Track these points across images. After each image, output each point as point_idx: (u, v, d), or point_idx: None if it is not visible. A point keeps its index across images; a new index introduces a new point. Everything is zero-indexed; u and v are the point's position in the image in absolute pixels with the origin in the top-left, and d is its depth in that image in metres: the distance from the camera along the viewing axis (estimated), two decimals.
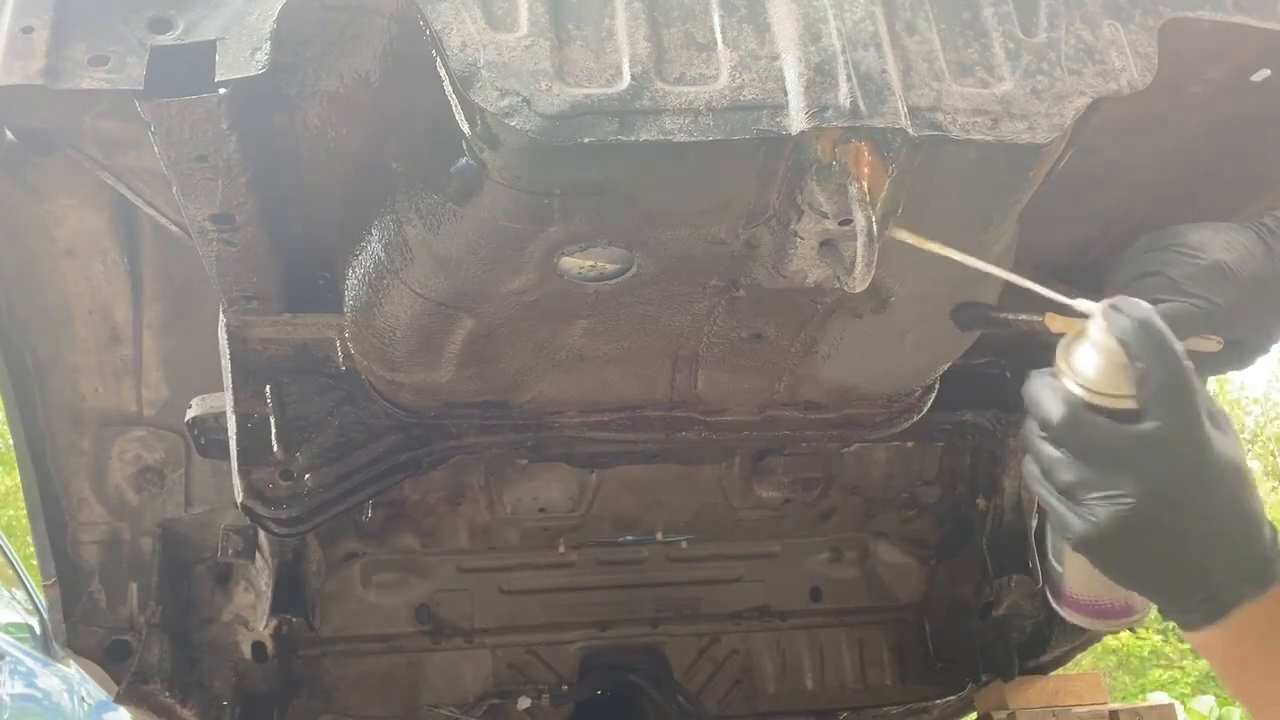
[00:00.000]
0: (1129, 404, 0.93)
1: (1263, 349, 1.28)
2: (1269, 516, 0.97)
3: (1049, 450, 0.97)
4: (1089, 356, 0.96)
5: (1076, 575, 1.17)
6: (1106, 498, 0.94)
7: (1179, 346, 0.94)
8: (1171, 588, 0.98)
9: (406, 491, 2.49)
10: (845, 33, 1.25)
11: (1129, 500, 0.93)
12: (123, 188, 1.65)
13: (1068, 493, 0.96)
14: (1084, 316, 0.97)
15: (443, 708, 2.92)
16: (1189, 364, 0.94)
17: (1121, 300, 0.96)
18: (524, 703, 2.93)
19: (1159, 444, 0.93)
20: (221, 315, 1.71)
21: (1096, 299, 0.98)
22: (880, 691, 3.10)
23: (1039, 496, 1.01)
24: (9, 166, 1.78)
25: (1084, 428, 0.94)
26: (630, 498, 2.63)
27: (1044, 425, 0.97)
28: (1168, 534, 0.94)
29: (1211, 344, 1.15)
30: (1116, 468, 0.93)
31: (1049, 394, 0.97)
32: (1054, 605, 1.21)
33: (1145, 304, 0.95)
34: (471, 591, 2.96)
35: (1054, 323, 1.10)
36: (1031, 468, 1.00)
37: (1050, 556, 1.19)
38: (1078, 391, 0.95)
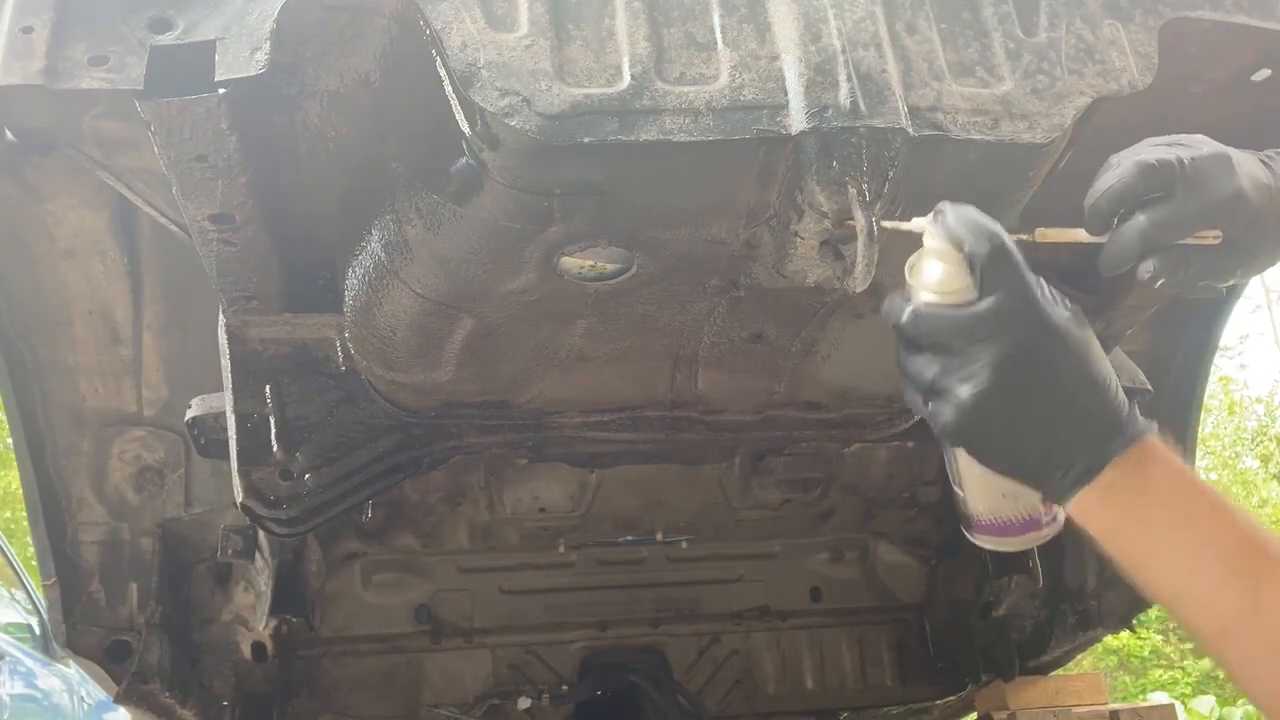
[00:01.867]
0: (972, 294, 1.01)
1: (1272, 259, 1.26)
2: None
3: (911, 356, 1.05)
4: (930, 265, 1.03)
5: (976, 496, 1.21)
6: (962, 379, 1.01)
7: (997, 227, 1.01)
8: (1038, 462, 1.03)
9: (406, 491, 2.48)
10: (845, 33, 1.25)
11: (984, 372, 1.00)
12: (123, 188, 1.65)
13: (933, 389, 1.03)
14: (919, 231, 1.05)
15: (443, 708, 2.92)
16: (1010, 242, 1.01)
17: (944, 204, 1.04)
18: (524, 703, 2.93)
19: (995, 313, 0.99)
20: (221, 315, 1.71)
21: (1096, 299, 1.00)
22: (880, 691, 3.10)
23: (917, 412, 1.07)
24: (9, 166, 1.78)
25: (930, 320, 1.02)
26: (630, 498, 2.63)
27: (900, 335, 1.05)
28: (1022, 403, 1.01)
29: (1209, 239, 1.17)
30: (966, 348, 1.00)
31: (898, 305, 1.04)
32: (968, 537, 1.23)
33: (966, 206, 1.03)
34: (471, 591, 2.96)
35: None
36: (906, 388, 1.07)
37: (954, 485, 1.22)
38: (926, 298, 1.03)
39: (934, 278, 1.03)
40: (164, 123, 1.24)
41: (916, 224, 1.06)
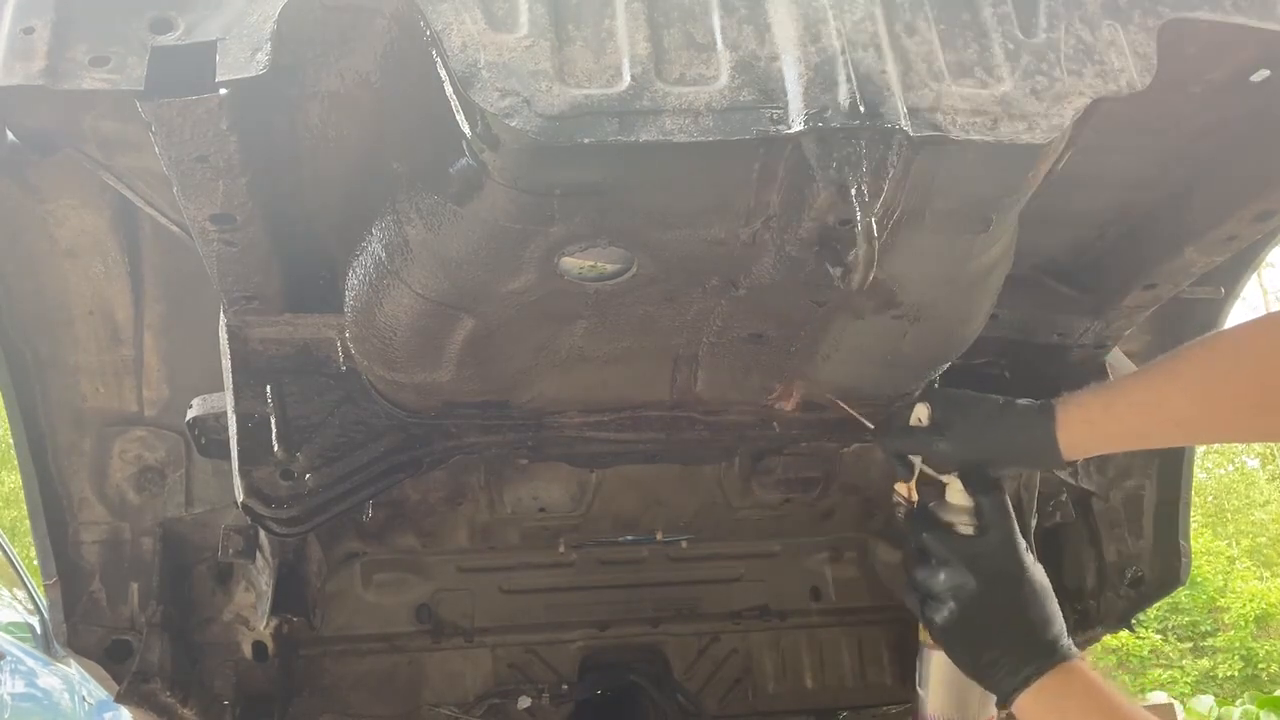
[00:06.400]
0: (973, 530, 1.52)
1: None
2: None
3: (919, 568, 1.51)
4: (946, 507, 1.56)
5: (934, 697, 1.58)
6: (953, 589, 1.46)
7: (1003, 493, 1.53)
8: (993, 663, 1.42)
9: (407, 491, 2.49)
10: (845, 33, 1.25)
11: (974, 585, 1.45)
12: (124, 188, 1.65)
13: (932, 595, 1.49)
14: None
15: (443, 707, 2.92)
16: (1009, 504, 1.53)
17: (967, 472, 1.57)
18: (524, 702, 2.93)
19: (988, 546, 1.49)
20: (222, 315, 1.71)
21: (1094, 300, 1.05)
22: (880, 691, 3.10)
23: (914, 609, 1.55)
24: (10, 167, 1.78)
25: (945, 540, 1.51)
26: (630, 497, 2.63)
27: (919, 548, 1.53)
28: (995, 616, 1.44)
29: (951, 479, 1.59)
30: (966, 565, 1.47)
31: (922, 526, 1.54)
32: None
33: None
34: (472, 591, 2.96)
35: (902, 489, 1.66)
36: (908, 594, 1.55)
37: (917, 686, 1.61)
38: (940, 524, 1.55)
39: (948, 511, 1.54)
40: (165, 123, 1.24)
41: (944, 476, 1.58)
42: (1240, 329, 1.51)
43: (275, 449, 1.78)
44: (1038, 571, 1.48)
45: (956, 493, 1.55)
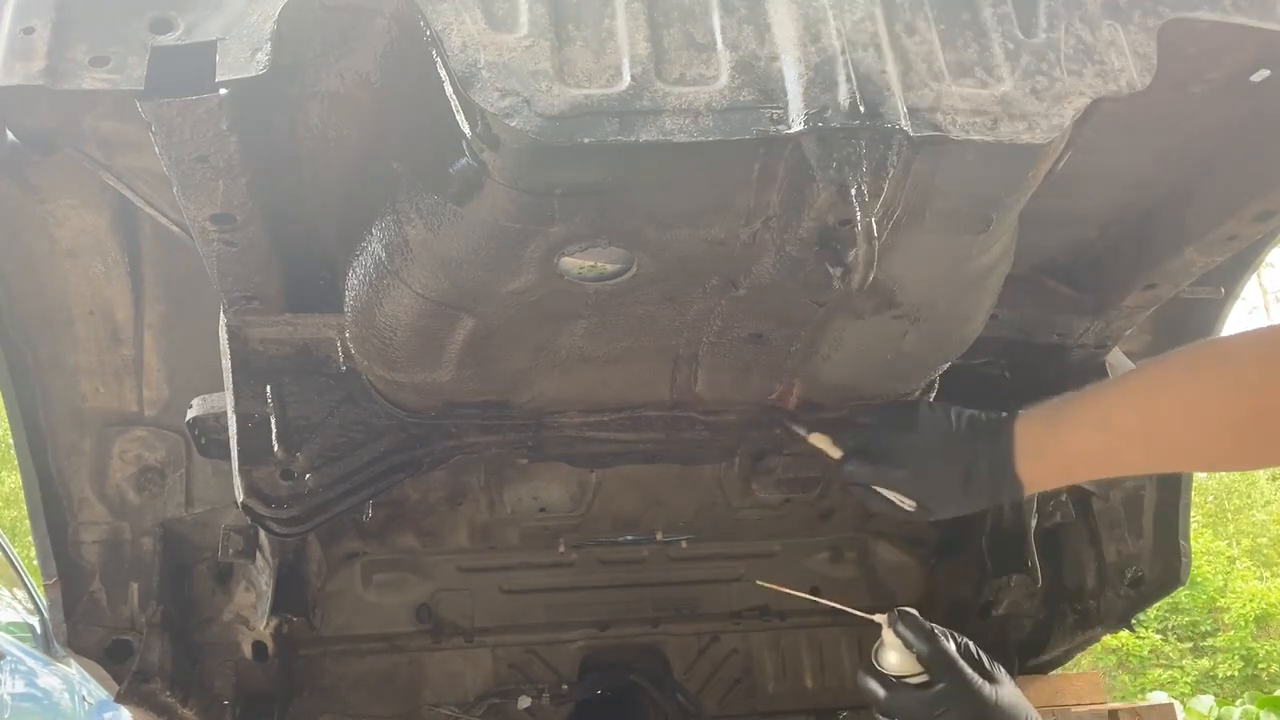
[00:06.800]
0: (923, 677, 1.54)
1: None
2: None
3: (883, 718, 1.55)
4: (889, 653, 1.58)
5: None
6: None
7: (937, 633, 1.55)
8: None
9: (407, 491, 2.49)
10: (845, 33, 1.25)
11: None
12: (124, 188, 1.65)
13: None
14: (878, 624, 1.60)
15: (443, 707, 2.92)
16: (948, 644, 1.54)
17: (900, 612, 1.58)
18: (524, 702, 2.94)
19: (941, 697, 1.50)
20: (222, 315, 1.71)
21: (1094, 300, 1.05)
22: None
23: None
24: (10, 167, 1.78)
25: (898, 699, 1.53)
26: (630, 497, 2.64)
27: (875, 703, 1.55)
28: None
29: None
30: (925, 714, 1.51)
31: (872, 683, 1.56)
32: None
33: (912, 611, 1.59)
34: (472, 591, 2.96)
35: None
36: None
37: None
38: (889, 676, 1.57)
39: (894, 662, 1.57)
40: (165, 123, 1.24)
41: (877, 618, 1.61)
42: (1192, 347, 1.48)
43: (275, 449, 1.78)
44: (1003, 692, 1.51)
45: (893, 649, 1.57)
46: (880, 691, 1.53)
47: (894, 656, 1.57)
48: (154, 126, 1.24)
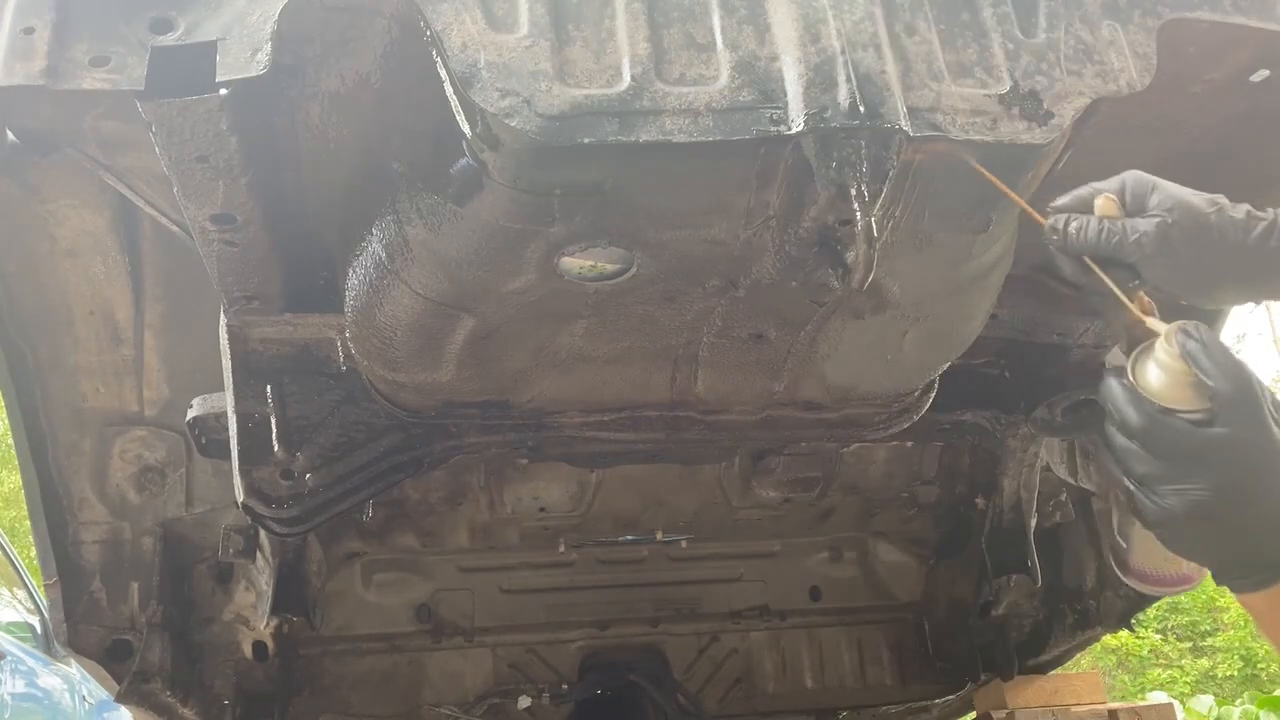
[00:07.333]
0: (1198, 415, 1.09)
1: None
2: None
3: (1127, 444, 1.13)
4: (1158, 372, 1.12)
5: (1141, 550, 1.45)
6: (1179, 490, 1.10)
7: (1243, 362, 1.11)
8: (1229, 563, 1.15)
9: (407, 491, 2.49)
10: (845, 33, 1.25)
11: (1202, 493, 1.10)
12: (124, 188, 1.65)
13: (1144, 482, 1.13)
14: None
15: (443, 707, 2.92)
16: (1256, 377, 1.11)
17: (1188, 324, 1.13)
18: (524, 702, 2.94)
19: (1229, 446, 1.09)
20: (223, 315, 1.71)
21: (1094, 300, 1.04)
22: (880, 691, 3.10)
23: (1116, 483, 1.17)
24: (10, 167, 1.78)
25: (1161, 429, 1.11)
26: (630, 497, 2.64)
27: (1122, 427, 1.13)
28: (1230, 520, 1.11)
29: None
30: (1191, 464, 1.10)
31: (1126, 399, 1.14)
32: (1120, 576, 1.48)
33: (1206, 328, 1.13)
34: (472, 591, 2.96)
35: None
36: (1108, 458, 1.17)
37: (1116, 534, 1.47)
38: (1155, 401, 1.11)
39: (1161, 386, 1.12)
40: (165, 123, 1.24)
41: (1153, 324, 1.16)
42: None
43: (275, 449, 1.78)
44: None
45: (1165, 370, 1.13)
46: (1135, 417, 1.11)
47: (1162, 379, 1.12)
48: (154, 126, 1.24)
